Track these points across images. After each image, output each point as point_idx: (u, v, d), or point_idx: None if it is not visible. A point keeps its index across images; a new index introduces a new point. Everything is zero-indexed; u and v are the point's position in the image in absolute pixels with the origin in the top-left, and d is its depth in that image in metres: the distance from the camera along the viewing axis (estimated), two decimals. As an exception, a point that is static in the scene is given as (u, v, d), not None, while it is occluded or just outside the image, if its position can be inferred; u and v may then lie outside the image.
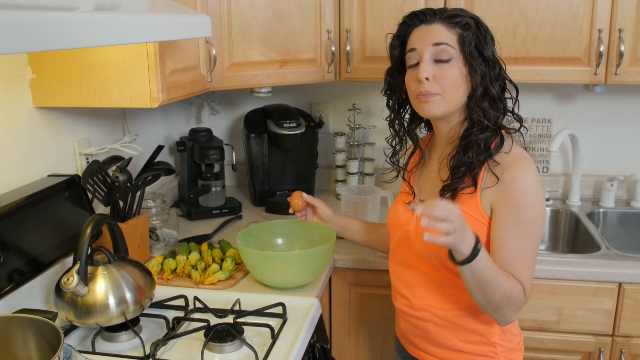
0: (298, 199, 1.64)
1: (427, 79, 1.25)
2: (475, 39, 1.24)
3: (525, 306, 1.74)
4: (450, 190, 1.27)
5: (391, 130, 1.44)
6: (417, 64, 1.27)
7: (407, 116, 1.43)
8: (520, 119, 1.32)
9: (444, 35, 1.25)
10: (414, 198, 1.39)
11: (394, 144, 1.44)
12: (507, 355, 1.34)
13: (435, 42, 1.24)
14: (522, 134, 1.31)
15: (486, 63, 1.25)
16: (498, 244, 1.23)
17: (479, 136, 1.25)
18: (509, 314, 1.24)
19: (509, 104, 1.31)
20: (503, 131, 1.29)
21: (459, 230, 1.08)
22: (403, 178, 1.46)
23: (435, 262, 1.29)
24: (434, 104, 1.26)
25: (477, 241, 1.14)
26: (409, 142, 1.45)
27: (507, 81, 1.31)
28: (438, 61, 1.25)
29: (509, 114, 1.31)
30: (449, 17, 1.26)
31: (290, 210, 1.67)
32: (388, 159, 1.45)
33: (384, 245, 1.61)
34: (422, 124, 1.44)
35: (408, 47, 1.30)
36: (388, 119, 1.44)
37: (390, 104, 1.43)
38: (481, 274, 1.15)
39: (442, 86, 1.25)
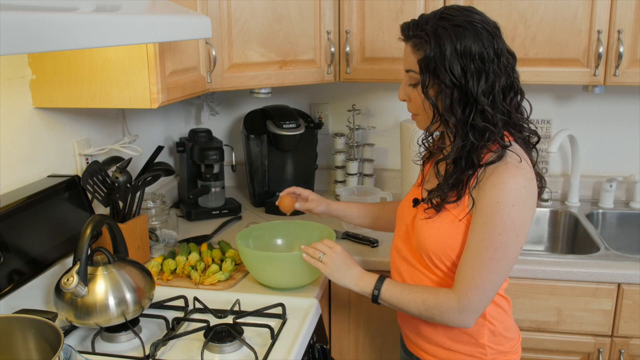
0: (287, 200, 1.65)
1: (404, 100, 1.31)
2: (433, 65, 1.17)
3: (524, 307, 1.76)
4: (437, 196, 1.27)
5: None
6: None
7: None
8: (533, 134, 1.28)
9: (409, 61, 1.24)
10: (422, 182, 1.41)
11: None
12: (497, 357, 1.34)
13: (405, 69, 1.27)
14: (521, 145, 1.26)
15: (446, 88, 1.17)
16: (465, 246, 1.23)
17: (462, 166, 1.22)
18: (451, 321, 1.25)
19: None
20: (512, 139, 1.23)
21: (337, 269, 1.37)
22: (423, 163, 1.46)
23: (427, 259, 1.30)
24: (418, 122, 1.33)
25: (376, 285, 1.31)
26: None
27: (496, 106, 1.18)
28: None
29: (502, 138, 1.20)
30: (415, 37, 1.21)
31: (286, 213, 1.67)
32: (419, 140, 1.47)
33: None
34: None
35: None
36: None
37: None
38: (389, 301, 1.32)
39: (415, 108, 1.29)
